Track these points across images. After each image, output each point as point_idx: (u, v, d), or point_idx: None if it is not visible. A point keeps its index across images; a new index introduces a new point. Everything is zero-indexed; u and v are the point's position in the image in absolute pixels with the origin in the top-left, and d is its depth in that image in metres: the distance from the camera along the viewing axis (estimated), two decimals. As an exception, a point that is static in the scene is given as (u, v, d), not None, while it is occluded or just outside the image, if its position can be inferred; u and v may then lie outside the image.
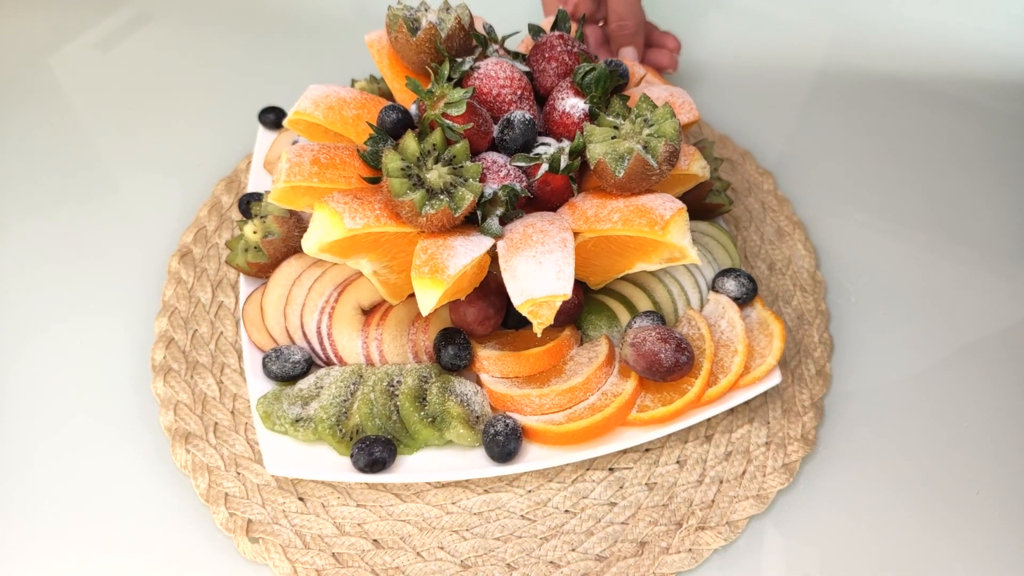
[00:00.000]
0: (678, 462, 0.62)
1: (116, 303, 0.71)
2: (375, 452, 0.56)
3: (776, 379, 0.60)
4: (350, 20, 0.96)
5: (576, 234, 0.55)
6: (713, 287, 0.65)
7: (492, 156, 0.57)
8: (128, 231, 0.76)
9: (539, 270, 0.50)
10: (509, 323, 0.63)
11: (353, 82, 0.77)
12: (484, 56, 0.60)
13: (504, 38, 0.65)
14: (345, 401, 0.58)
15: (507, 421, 0.57)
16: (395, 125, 0.58)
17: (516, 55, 0.64)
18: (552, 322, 0.51)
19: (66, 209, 0.78)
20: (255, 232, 0.65)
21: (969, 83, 0.87)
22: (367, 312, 0.63)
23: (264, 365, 0.60)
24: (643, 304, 0.63)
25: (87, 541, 0.59)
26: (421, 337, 0.62)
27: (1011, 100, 0.86)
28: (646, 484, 0.61)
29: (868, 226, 0.76)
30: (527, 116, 0.57)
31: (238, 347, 0.68)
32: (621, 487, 0.61)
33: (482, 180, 0.55)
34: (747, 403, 0.64)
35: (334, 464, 0.57)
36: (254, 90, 0.88)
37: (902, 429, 0.64)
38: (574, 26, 0.67)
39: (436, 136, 0.53)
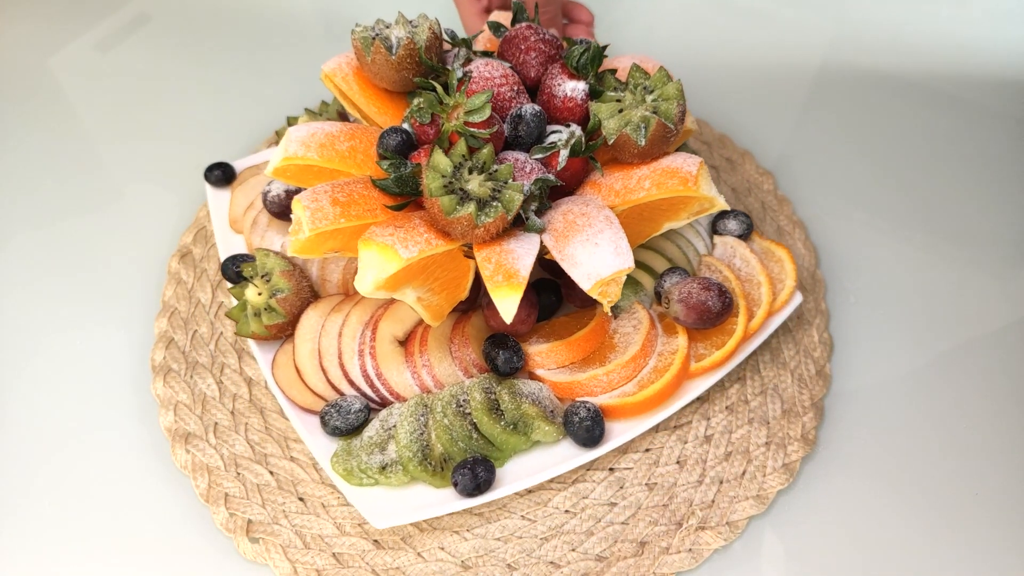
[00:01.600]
0: (678, 462, 0.62)
1: (116, 304, 0.71)
2: (479, 474, 0.55)
3: (799, 299, 0.64)
4: (347, 23, 0.96)
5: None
6: (714, 230, 0.68)
7: (512, 154, 0.56)
8: (128, 232, 0.76)
9: (597, 251, 0.51)
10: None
11: (289, 120, 0.74)
12: (469, 60, 0.59)
13: (470, 39, 0.63)
14: (422, 435, 0.57)
15: (586, 406, 0.58)
16: (402, 146, 0.56)
17: (486, 53, 0.63)
18: (619, 298, 0.53)
19: (66, 209, 0.78)
20: (260, 294, 0.61)
21: (969, 83, 0.87)
22: (403, 342, 0.61)
23: (325, 423, 0.58)
24: (659, 264, 0.66)
25: (87, 541, 0.59)
26: (465, 352, 0.61)
27: (1011, 100, 0.86)
28: (646, 484, 0.61)
29: (868, 226, 0.76)
30: (536, 108, 0.57)
31: (238, 347, 0.68)
32: (621, 487, 0.61)
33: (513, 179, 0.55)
34: (747, 404, 0.64)
35: (436, 497, 0.56)
36: (254, 90, 0.88)
37: (902, 429, 0.64)
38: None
39: (461, 147, 0.51)
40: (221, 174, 0.73)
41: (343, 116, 0.74)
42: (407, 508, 0.55)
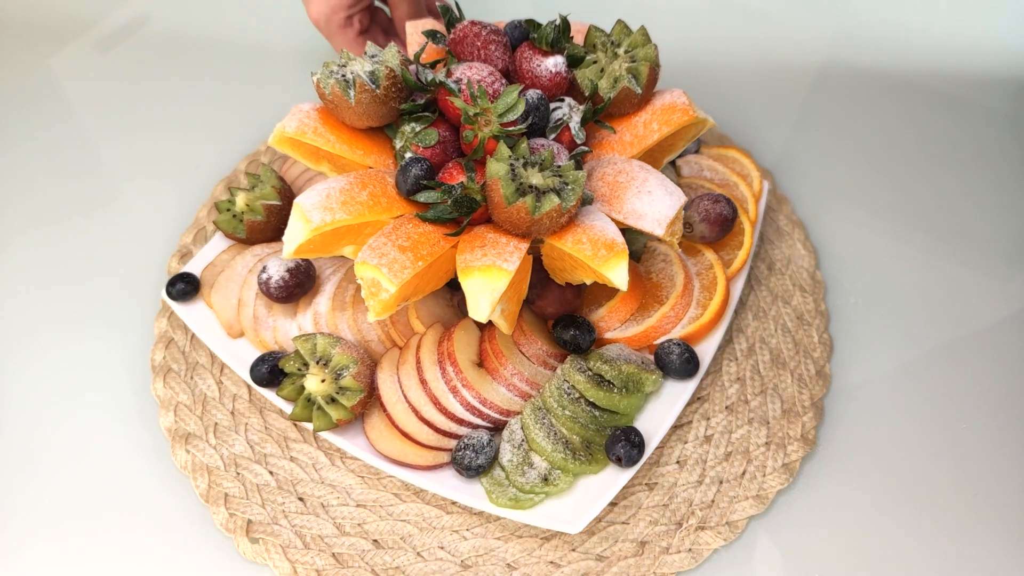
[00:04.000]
0: (678, 462, 0.62)
1: (116, 304, 0.71)
2: (633, 439, 0.56)
3: (767, 185, 0.73)
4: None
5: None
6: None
7: (536, 141, 0.56)
8: (128, 232, 0.76)
9: (653, 198, 0.54)
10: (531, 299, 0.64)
11: (233, 192, 0.68)
12: (449, 72, 0.57)
13: (418, 53, 0.61)
14: (556, 435, 0.57)
15: (672, 343, 0.61)
16: (429, 173, 0.54)
17: (436, 63, 0.61)
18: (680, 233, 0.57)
19: (65, 210, 0.78)
20: (324, 381, 0.57)
21: (969, 82, 0.88)
22: (482, 365, 0.61)
23: (468, 467, 0.56)
24: None
25: (87, 541, 0.59)
26: (535, 347, 0.61)
27: (1011, 100, 0.86)
28: (646, 484, 0.61)
29: (868, 226, 0.76)
30: (539, 93, 0.57)
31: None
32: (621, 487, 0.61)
33: None
34: (747, 404, 0.64)
35: (603, 480, 0.57)
36: (254, 90, 0.88)
37: (901, 429, 0.64)
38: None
39: (504, 150, 0.51)
40: (186, 286, 0.65)
41: (286, 191, 0.68)
42: (587, 501, 0.56)
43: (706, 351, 0.63)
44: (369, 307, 0.51)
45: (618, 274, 0.50)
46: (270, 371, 0.60)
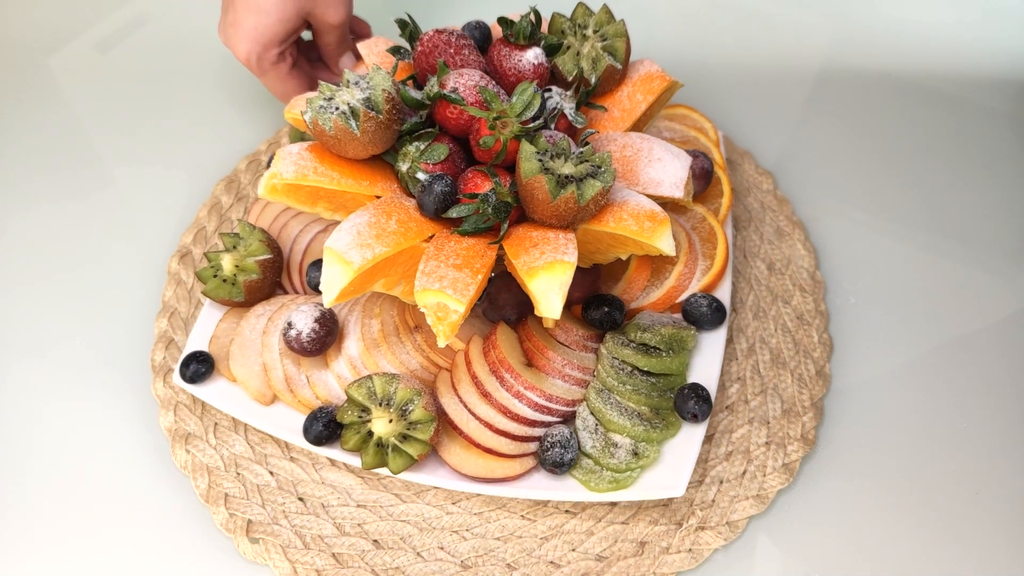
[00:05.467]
0: (678, 462, 0.62)
1: (116, 304, 0.71)
2: (701, 393, 0.58)
3: (721, 133, 0.76)
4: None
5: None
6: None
7: (544, 133, 0.55)
8: (128, 232, 0.76)
9: (663, 164, 0.57)
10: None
11: (212, 257, 0.64)
12: (442, 84, 0.56)
13: (393, 69, 0.60)
14: (627, 411, 0.58)
15: (696, 298, 0.64)
16: (454, 186, 0.53)
17: (409, 79, 0.60)
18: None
19: (66, 210, 0.78)
20: (391, 421, 0.55)
21: (969, 83, 0.87)
22: (532, 364, 0.61)
23: (560, 464, 0.56)
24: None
25: (87, 541, 0.59)
26: (570, 334, 0.62)
27: (1011, 100, 0.86)
28: (646, 484, 0.61)
29: (868, 226, 0.76)
30: (536, 87, 0.57)
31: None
32: (621, 487, 0.61)
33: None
34: (747, 404, 0.64)
35: (684, 436, 0.59)
36: (254, 90, 0.88)
37: (902, 429, 0.64)
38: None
39: (528, 147, 0.51)
40: (199, 366, 0.61)
41: (272, 242, 0.65)
42: (676, 464, 0.57)
43: (723, 297, 0.66)
44: (438, 332, 0.49)
45: (666, 241, 0.52)
46: (326, 427, 0.57)
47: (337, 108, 0.51)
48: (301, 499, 0.60)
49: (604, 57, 0.59)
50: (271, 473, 0.61)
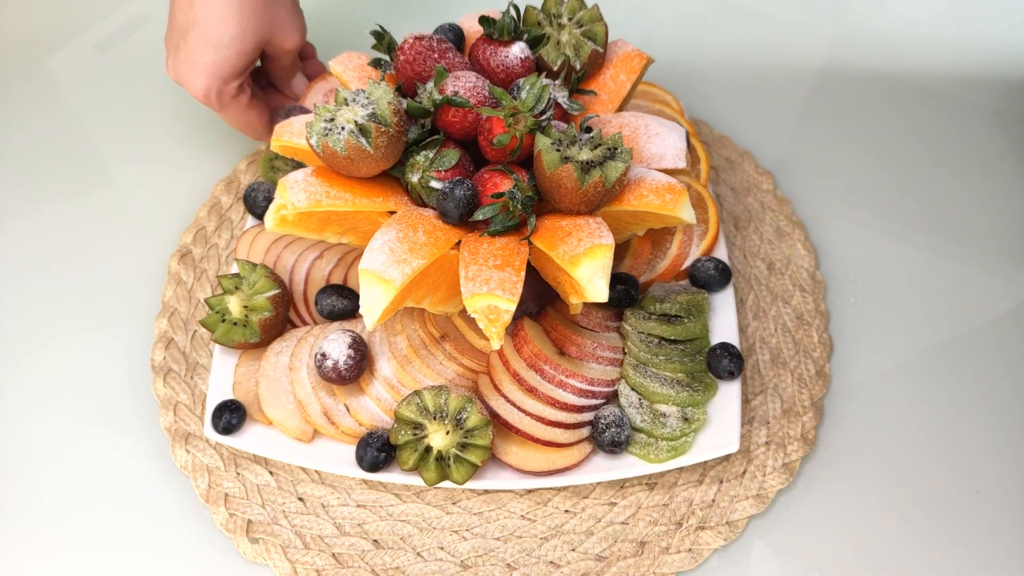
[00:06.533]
0: (678, 462, 0.62)
1: (116, 304, 0.71)
2: (732, 352, 0.61)
3: (679, 101, 0.76)
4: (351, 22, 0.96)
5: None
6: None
7: (554, 124, 0.56)
8: (128, 232, 0.76)
9: (661, 139, 0.59)
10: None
11: (215, 303, 0.62)
12: (442, 89, 0.55)
13: (381, 77, 0.61)
14: (667, 380, 0.60)
15: (702, 262, 0.66)
16: (473, 191, 0.53)
17: (398, 87, 0.60)
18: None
19: (65, 210, 0.78)
20: (448, 433, 0.55)
21: (969, 83, 0.87)
22: (565, 353, 0.61)
23: (619, 443, 0.57)
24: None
25: (87, 541, 0.59)
26: (591, 318, 0.64)
27: (1011, 100, 0.86)
28: (646, 483, 0.61)
29: (868, 226, 0.76)
30: (545, 79, 0.57)
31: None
32: (621, 486, 0.61)
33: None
34: (747, 403, 0.64)
35: (723, 396, 0.61)
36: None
37: (901, 429, 0.64)
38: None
39: (544, 139, 0.51)
40: (232, 415, 0.59)
41: (275, 276, 0.63)
42: (723, 422, 0.59)
43: (721, 258, 0.68)
44: (491, 335, 0.49)
45: (687, 211, 0.54)
46: (380, 452, 0.56)
47: (343, 128, 0.50)
48: (301, 499, 0.60)
49: (586, 43, 0.60)
50: (271, 473, 0.61)
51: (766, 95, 0.87)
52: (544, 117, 0.53)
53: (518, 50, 0.58)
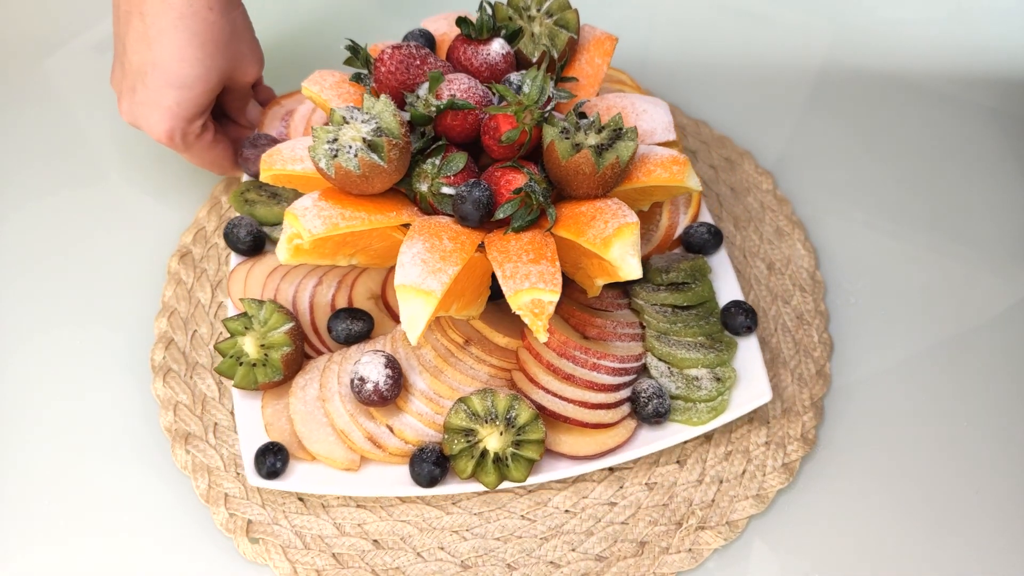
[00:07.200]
0: (678, 461, 0.62)
1: (116, 304, 0.71)
2: (745, 308, 0.63)
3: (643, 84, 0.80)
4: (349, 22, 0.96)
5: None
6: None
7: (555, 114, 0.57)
8: (128, 232, 0.76)
9: (648, 115, 0.60)
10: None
11: (227, 348, 0.60)
12: (438, 94, 0.55)
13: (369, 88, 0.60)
14: (690, 345, 0.62)
15: (693, 229, 0.68)
16: (489, 191, 0.53)
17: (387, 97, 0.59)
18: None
19: (65, 210, 0.78)
20: (502, 434, 0.55)
21: (969, 82, 0.87)
22: (588, 336, 0.62)
23: (662, 414, 0.59)
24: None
25: (87, 541, 0.59)
26: (604, 299, 0.64)
27: (1011, 100, 0.86)
28: (646, 484, 0.61)
29: (868, 226, 0.76)
30: (520, 74, 0.58)
31: (238, 347, 0.68)
32: (621, 487, 0.61)
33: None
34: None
35: (744, 351, 0.62)
36: (254, 90, 0.88)
37: (901, 428, 0.64)
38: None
39: (551, 130, 0.52)
40: (276, 459, 0.57)
41: (286, 310, 0.61)
42: (751, 374, 0.61)
43: (705, 217, 0.70)
44: (537, 328, 0.49)
45: (694, 179, 0.55)
46: (436, 465, 0.55)
47: (351, 146, 0.50)
48: (301, 499, 0.60)
49: (560, 31, 0.60)
50: (271, 473, 0.61)
51: (766, 95, 0.87)
52: (548, 108, 0.54)
53: (498, 47, 0.58)
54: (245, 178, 0.72)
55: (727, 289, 0.66)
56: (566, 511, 0.60)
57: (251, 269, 0.67)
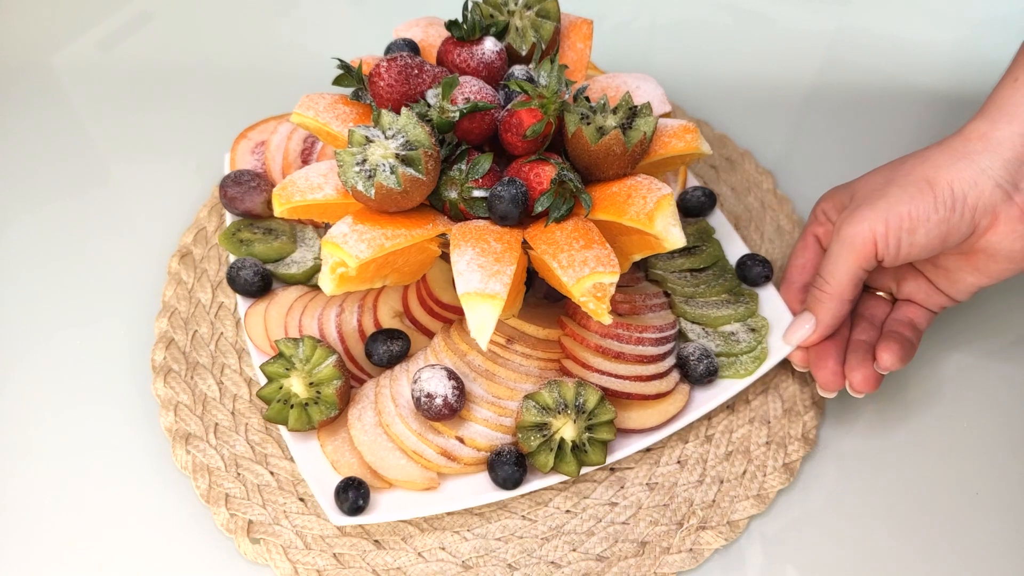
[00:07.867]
0: (678, 462, 0.62)
1: (116, 304, 0.71)
2: (757, 259, 0.66)
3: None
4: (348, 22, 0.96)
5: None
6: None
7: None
8: (128, 232, 0.77)
9: (642, 91, 0.62)
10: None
11: (271, 395, 0.58)
12: (453, 99, 0.54)
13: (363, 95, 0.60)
14: (717, 303, 0.65)
15: (689, 192, 0.71)
16: (523, 188, 0.53)
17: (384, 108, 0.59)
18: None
19: (66, 209, 0.78)
20: (574, 428, 0.55)
21: (968, 82, 0.88)
22: (621, 313, 0.63)
23: (712, 372, 0.61)
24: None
25: (88, 542, 0.59)
26: (624, 275, 0.64)
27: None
28: (647, 484, 0.61)
29: (868, 225, 0.76)
30: (523, 68, 0.58)
31: (238, 347, 0.68)
32: (622, 487, 0.61)
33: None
34: (748, 403, 0.64)
35: (766, 300, 0.66)
36: (255, 91, 0.88)
37: (902, 428, 0.64)
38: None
39: (575, 117, 0.53)
40: (357, 493, 0.55)
41: (326, 342, 0.61)
42: (777, 317, 0.64)
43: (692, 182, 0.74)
44: (601, 312, 0.49)
45: (705, 144, 0.57)
46: (516, 466, 0.55)
47: (386, 163, 0.49)
48: (302, 499, 0.60)
49: (543, 22, 0.61)
50: (272, 473, 0.61)
51: (766, 95, 0.87)
52: (569, 95, 0.55)
53: (491, 44, 0.59)
54: (230, 218, 0.70)
55: (733, 247, 0.69)
56: (567, 511, 0.60)
57: (267, 310, 0.65)
